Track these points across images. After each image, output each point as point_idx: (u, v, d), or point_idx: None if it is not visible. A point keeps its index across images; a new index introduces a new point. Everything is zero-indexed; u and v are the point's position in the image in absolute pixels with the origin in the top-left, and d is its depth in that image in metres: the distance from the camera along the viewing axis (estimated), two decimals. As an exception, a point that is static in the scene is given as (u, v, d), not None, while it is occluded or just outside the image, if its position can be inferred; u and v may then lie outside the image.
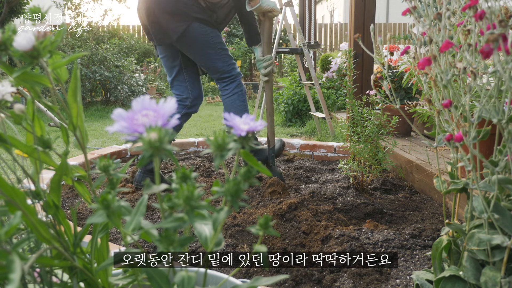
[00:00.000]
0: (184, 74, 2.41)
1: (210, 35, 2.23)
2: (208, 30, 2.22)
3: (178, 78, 2.41)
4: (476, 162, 0.89)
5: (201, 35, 2.21)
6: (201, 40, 2.22)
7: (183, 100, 2.41)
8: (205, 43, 2.23)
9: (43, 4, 0.70)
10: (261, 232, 0.59)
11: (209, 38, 2.23)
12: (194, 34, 2.19)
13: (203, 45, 2.23)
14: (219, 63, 2.28)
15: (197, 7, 2.18)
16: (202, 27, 2.20)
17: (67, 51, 6.94)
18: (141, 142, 0.47)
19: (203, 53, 2.26)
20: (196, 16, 2.18)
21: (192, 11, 2.17)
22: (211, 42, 2.24)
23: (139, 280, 0.65)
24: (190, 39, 2.21)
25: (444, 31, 0.86)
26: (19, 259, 0.42)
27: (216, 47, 2.26)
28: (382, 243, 1.55)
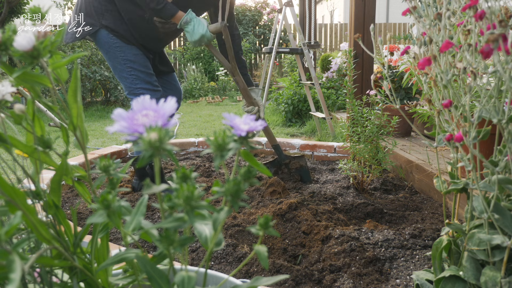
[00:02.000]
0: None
1: (117, 47, 2.09)
2: (115, 40, 2.08)
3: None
4: (476, 162, 0.89)
5: (108, 45, 2.09)
6: (108, 50, 2.10)
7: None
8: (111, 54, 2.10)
9: (43, 4, 0.70)
10: (261, 232, 0.59)
11: (116, 51, 2.09)
12: (101, 41, 2.09)
13: (110, 56, 2.11)
14: (125, 82, 2.13)
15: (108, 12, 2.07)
16: (109, 35, 2.08)
17: (67, 51, 6.94)
18: (141, 142, 0.47)
19: (111, 64, 2.15)
20: (103, 22, 2.06)
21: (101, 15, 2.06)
22: (118, 56, 2.10)
23: (139, 280, 0.65)
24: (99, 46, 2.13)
25: (444, 31, 0.86)
26: (19, 259, 0.42)
27: (123, 63, 2.10)
28: (382, 243, 1.55)
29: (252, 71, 12.32)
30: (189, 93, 9.14)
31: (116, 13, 2.09)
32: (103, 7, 2.07)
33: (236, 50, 2.36)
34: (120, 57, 2.10)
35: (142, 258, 0.55)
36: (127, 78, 2.11)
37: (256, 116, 2.28)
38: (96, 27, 2.05)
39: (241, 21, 12.79)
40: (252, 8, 12.81)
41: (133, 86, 2.11)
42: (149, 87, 2.13)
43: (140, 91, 2.10)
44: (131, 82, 2.11)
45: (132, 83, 2.11)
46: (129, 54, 2.10)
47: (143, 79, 2.12)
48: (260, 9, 12.78)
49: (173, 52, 11.42)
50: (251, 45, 12.04)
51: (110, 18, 2.07)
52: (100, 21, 2.05)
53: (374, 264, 1.43)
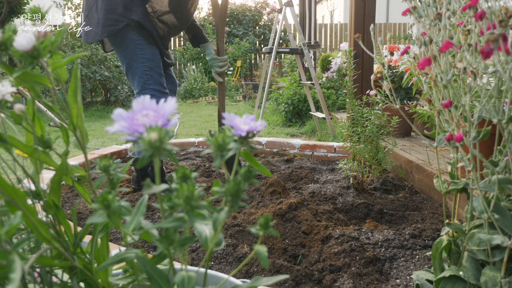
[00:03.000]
0: None
1: (140, 45, 2.12)
2: (139, 38, 2.11)
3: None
4: (476, 162, 0.89)
5: (132, 41, 2.10)
6: (129, 47, 2.11)
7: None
8: (131, 52, 2.11)
9: (43, 4, 0.70)
10: (261, 232, 0.59)
11: (137, 48, 2.12)
12: (122, 38, 2.10)
13: (129, 53, 2.12)
14: (136, 80, 2.15)
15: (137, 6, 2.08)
16: (134, 33, 2.09)
17: (67, 51, 6.94)
18: (141, 142, 0.47)
19: (127, 61, 2.15)
20: (132, 17, 2.06)
21: (130, 12, 2.06)
22: (138, 54, 2.12)
23: (139, 280, 0.65)
24: (118, 42, 2.12)
25: (444, 31, 0.86)
26: (19, 259, 0.42)
27: (142, 61, 2.13)
28: (382, 243, 1.55)
29: (252, 71, 12.33)
30: (189, 93, 9.14)
31: (143, 7, 2.08)
32: (132, 2, 2.05)
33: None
34: (139, 55, 2.11)
35: (142, 258, 0.55)
36: (141, 77, 2.12)
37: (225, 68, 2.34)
38: (123, 22, 2.03)
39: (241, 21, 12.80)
40: (252, 8, 12.81)
41: (146, 86, 2.12)
42: (160, 88, 2.16)
43: (151, 92, 2.13)
44: (145, 81, 2.12)
45: (146, 83, 2.12)
46: (148, 53, 2.12)
47: (156, 80, 2.15)
48: (260, 9, 12.79)
49: (173, 52, 11.42)
50: (251, 45, 12.04)
51: (139, 12, 2.06)
52: (129, 15, 2.04)
53: (374, 264, 1.43)
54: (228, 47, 11.73)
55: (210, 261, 1.36)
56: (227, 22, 12.57)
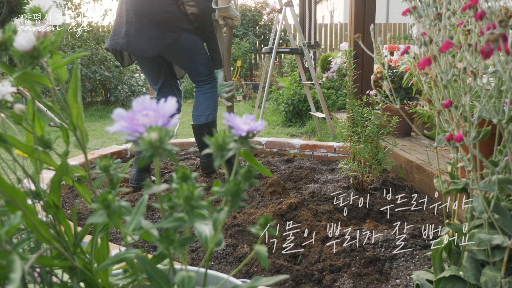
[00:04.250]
0: (170, 81, 2.57)
1: (196, 42, 2.39)
2: (194, 38, 2.37)
3: (165, 85, 2.56)
4: (476, 162, 0.89)
5: (190, 44, 2.36)
6: (190, 48, 2.37)
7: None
8: (192, 50, 2.39)
9: (43, 4, 0.70)
10: (261, 232, 0.59)
11: (195, 45, 2.38)
12: (184, 43, 2.33)
13: (191, 52, 2.40)
14: (202, 68, 2.47)
15: (185, 18, 2.32)
16: (190, 36, 2.35)
17: (67, 51, 6.95)
18: (141, 142, 0.47)
19: (191, 59, 2.42)
20: (185, 27, 2.32)
21: (182, 23, 2.30)
22: (197, 49, 2.40)
23: (139, 280, 0.65)
24: (180, 48, 2.34)
25: (444, 31, 0.86)
26: (19, 259, 0.42)
27: (201, 52, 2.43)
28: (382, 243, 1.55)
29: (252, 71, 12.32)
30: (189, 93, 9.14)
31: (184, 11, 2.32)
32: (180, 14, 2.30)
33: None
34: (197, 48, 2.40)
35: (142, 258, 0.55)
36: (203, 64, 2.46)
37: (232, 93, 2.54)
38: (179, 33, 2.30)
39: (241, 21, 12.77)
40: (252, 8, 12.81)
41: (207, 68, 2.49)
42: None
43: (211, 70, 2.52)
44: (207, 64, 2.48)
45: (207, 66, 2.48)
46: (201, 43, 2.43)
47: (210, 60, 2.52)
48: (260, 9, 12.79)
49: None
50: (251, 45, 12.04)
51: (185, 20, 2.32)
52: (181, 26, 2.30)
53: (374, 264, 1.43)
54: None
55: (210, 261, 1.36)
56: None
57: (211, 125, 2.53)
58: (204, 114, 2.52)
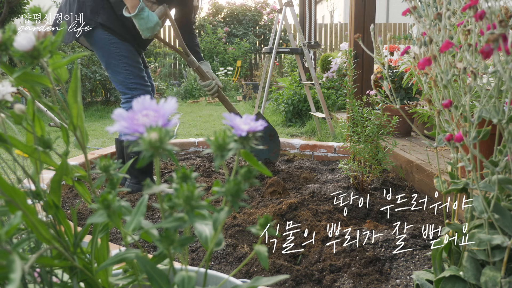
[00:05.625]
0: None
1: (114, 44, 2.17)
2: (112, 38, 2.17)
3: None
4: (476, 162, 0.89)
5: (105, 42, 2.17)
6: (105, 47, 2.18)
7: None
8: (107, 52, 2.19)
9: (43, 4, 0.70)
10: (261, 232, 0.59)
11: (112, 48, 2.18)
12: (97, 40, 2.17)
13: (106, 53, 2.19)
14: (119, 77, 2.21)
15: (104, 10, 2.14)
16: (105, 34, 2.15)
17: (67, 51, 6.94)
18: (141, 142, 0.47)
19: (105, 61, 2.23)
20: (100, 21, 2.13)
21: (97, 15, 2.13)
22: (114, 53, 2.18)
23: (139, 280, 0.65)
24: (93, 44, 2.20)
25: (444, 31, 0.86)
26: (19, 259, 0.42)
27: (120, 59, 2.19)
28: (382, 243, 1.55)
29: (252, 71, 12.32)
30: (189, 93, 9.14)
31: (110, 10, 2.15)
32: (98, 6, 2.13)
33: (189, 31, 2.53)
34: (115, 53, 2.18)
35: (142, 258, 0.55)
36: (121, 73, 2.20)
37: (214, 89, 2.46)
38: (92, 25, 2.12)
39: (241, 21, 12.79)
40: (252, 8, 12.81)
41: (127, 81, 2.20)
42: (142, 81, 2.24)
43: (133, 85, 2.20)
44: (125, 77, 2.20)
45: (126, 78, 2.20)
46: (123, 50, 2.19)
47: (137, 74, 2.22)
48: (260, 9, 12.79)
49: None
50: (251, 45, 12.04)
51: (104, 15, 2.14)
52: (96, 19, 2.12)
53: (374, 264, 1.43)
54: (228, 47, 11.72)
55: (210, 261, 1.36)
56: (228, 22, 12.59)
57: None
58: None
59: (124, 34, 2.20)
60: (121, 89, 2.23)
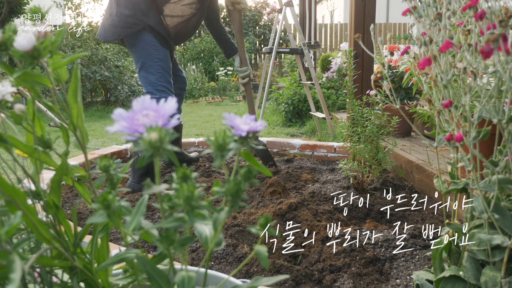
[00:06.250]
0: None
1: (155, 46, 2.38)
2: (155, 41, 2.38)
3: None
4: (476, 162, 0.89)
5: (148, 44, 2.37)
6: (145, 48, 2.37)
7: None
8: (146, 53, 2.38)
9: (43, 4, 0.70)
10: (261, 232, 0.59)
11: (152, 49, 2.38)
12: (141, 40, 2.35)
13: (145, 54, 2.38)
14: (152, 77, 2.40)
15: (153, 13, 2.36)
16: (150, 36, 2.37)
17: (67, 51, 6.94)
18: (141, 142, 0.47)
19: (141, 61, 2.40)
20: (149, 23, 2.34)
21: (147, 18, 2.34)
22: (153, 54, 2.38)
23: (139, 280, 0.65)
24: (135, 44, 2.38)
25: (444, 31, 0.86)
26: (19, 259, 0.42)
27: (156, 60, 2.39)
28: (382, 243, 1.55)
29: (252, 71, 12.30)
30: (189, 93, 9.14)
31: (158, 14, 2.38)
32: (149, 8, 2.34)
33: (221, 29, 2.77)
34: (153, 55, 2.38)
35: (142, 258, 0.55)
36: (154, 74, 2.39)
37: (248, 74, 2.68)
38: (140, 26, 2.32)
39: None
40: (252, 8, 12.80)
41: (158, 83, 2.40)
42: (169, 86, 2.45)
43: (162, 88, 2.41)
44: (157, 78, 2.40)
45: (158, 80, 2.40)
46: (161, 55, 2.41)
47: (166, 79, 2.43)
48: (260, 9, 12.78)
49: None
50: (251, 45, 12.04)
51: (154, 19, 2.36)
52: (144, 21, 2.33)
53: (374, 264, 1.43)
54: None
55: (210, 261, 1.36)
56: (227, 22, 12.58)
57: None
58: None
59: (166, 38, 2.41)
60: (150, 89, 2.39)
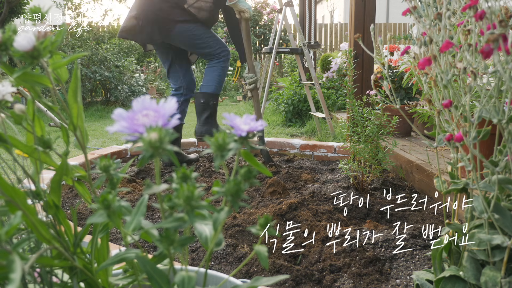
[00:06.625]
0: (176, 66, 2.88)
1: (194, 29, 2.66)
2: (190, 26, 2.65)
3: (172, 69, 2.90)
4: (476, 162, 0.89)
5: (186, 32, 2.65)
6: (187, 35, 2.66)
7: (178, 89, 2.92)
8: (191, 37, 2.68)
9: (43, 4, 0.70)
10: (261, 232, 0.59)
11: (194, 32, 2.67)
12: (179, 33, 2.64)
13: (190, 39, 2.69)
14: (207, 49, 2.74)
15: (178, 12, 2.62)
16: (184, 26, 2.64)
17: (67, 51, 6.94)
18: (141, 142, 0.47)
19: (191, 44, 2.72)
20: (178, 19, 2.61)
21: (175, 16, 2.61)
22: (194, 35, 2.68)
23: (139, 280, 0.65)
24: (177, 38, 2.66)
25: (444, 31, 0.86)
26: (19, 259, 0.42)
27: (201, 37, 2.69)
28: (382, 243, 1.55)
29: (252, 71, 12.29)
30: (189, 93, 9.13)
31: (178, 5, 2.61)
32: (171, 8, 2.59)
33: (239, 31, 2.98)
34: (198, 34, 2.67)
35: (142, 258, 0.55)
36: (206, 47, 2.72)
37: (253, 85, 2.85)
38: (173, 25, 2.61)
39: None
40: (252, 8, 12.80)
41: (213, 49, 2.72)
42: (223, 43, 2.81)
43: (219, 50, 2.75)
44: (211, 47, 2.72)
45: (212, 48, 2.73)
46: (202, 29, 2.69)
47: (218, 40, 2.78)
48: (260, 9, 12.77)
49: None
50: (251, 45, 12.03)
51: (178, 12, 2.61)
52: (174, 18, 2.61)
53: (374, 264, 1.43)
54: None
55: (210, 261, 1.36)
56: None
57: (209, 96, 2.78)
58: (206, 85, 2.80)
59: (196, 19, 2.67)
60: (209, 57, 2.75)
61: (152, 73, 9.17)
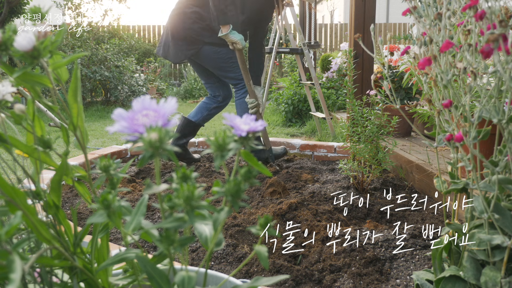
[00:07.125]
0: (214, 78, 2.95)
1: (221, 52, 2.73)
2: (217, 49, 2.72)
3: (209, 81, 2.99)
4: (476, 162, 0.89)
5: (212, 54, 2.74)
6: (213, 57, 2.75)
7: (216, 97, 3.01)
8: (217, 59, 2.76)
9: (43, 4, 0.70)
10: (261, 232, 0.59)
11: (220, 55, 2.74)
12: (205, 54, 2.73)
13: (215, 61, 2.77)
14: (231, 74, 2.81)
15: (207, 33, 2.69)
16: (212, 48, 2.72)
17: (67, 51, 6.94)
18: (141, 142, 0.47)
19: (217, 67, 2.80)
20: (206, 41, 2.70)
21: (204, 37, 2.69)
22: (221, 58, 2.74)
23: (139, 280, 0.65)
24: (203, 58, 2.76)
25: (444, 31, 0.86)
26: (19, 259, 0.42)
27: (227, 61, 2.76)
28: (382, 243, 1.55)
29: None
30: (189, 93, 9.14)
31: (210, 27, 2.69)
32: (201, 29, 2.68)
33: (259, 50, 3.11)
34: (223, 58, 2.74)
35: (142, 258, 0.55)
36: (230, 71, 2.80)
37: (255, 110, 2.83)
38: (200, 45, 2.71)
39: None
40: (252, 8, 12.76)
41: (237, 74, 2.80)
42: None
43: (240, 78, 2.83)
44: (234, 72, 2.80)
45: (236, 73, 2.80)
46: (228, 53, 2.74)
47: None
48: (260, 9, 12.73)
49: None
50: (251, 45, 12.01)
51: (207, 34, 2.70)
52: (203, 39, 2.70)
53: (374, 264, 1.43)
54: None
55: (210, 261, 1.36)
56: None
57: None
58: None
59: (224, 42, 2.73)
60: (233, 81, 2.85)
61: (152, 73, 9.17)
